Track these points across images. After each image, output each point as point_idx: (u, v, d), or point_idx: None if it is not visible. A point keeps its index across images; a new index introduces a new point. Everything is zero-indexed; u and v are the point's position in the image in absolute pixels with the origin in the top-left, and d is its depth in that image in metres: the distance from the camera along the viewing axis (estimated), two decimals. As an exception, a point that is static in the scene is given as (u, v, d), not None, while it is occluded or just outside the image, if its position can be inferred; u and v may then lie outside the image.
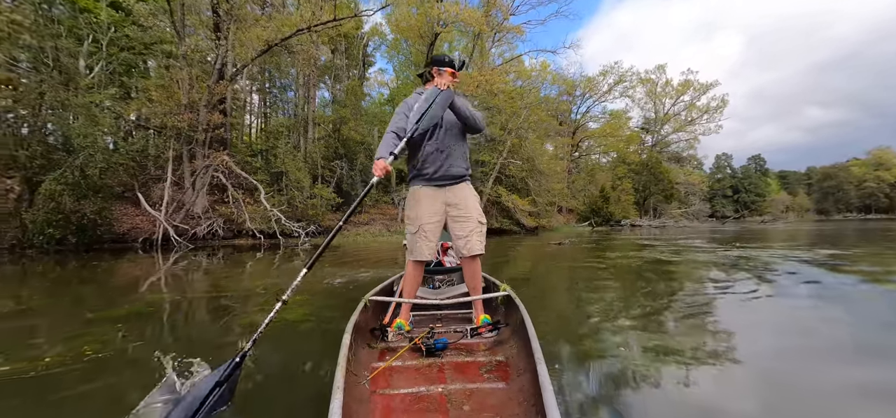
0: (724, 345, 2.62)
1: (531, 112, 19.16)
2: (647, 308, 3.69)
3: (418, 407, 1.47)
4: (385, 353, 1.99)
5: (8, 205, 9.14)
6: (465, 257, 2.34)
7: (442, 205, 2.32)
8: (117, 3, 14.04)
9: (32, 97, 9.49)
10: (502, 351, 1.96)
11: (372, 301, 2.40)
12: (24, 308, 3.98)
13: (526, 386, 1.51)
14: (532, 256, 8.86)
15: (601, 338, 2.74)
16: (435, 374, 1.76)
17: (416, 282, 2.38)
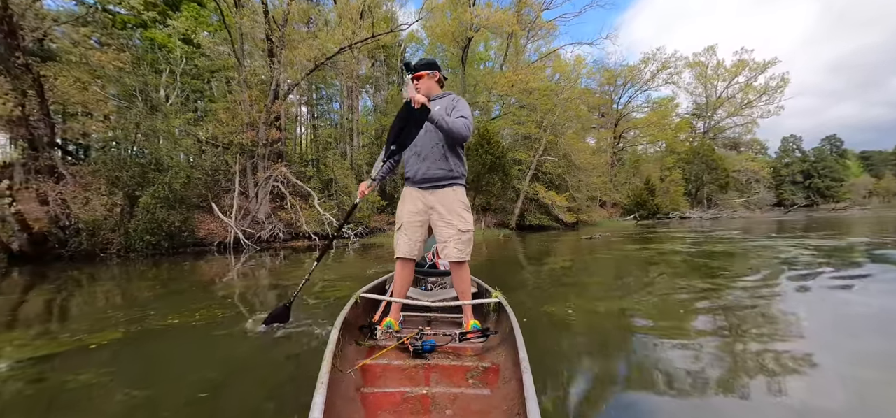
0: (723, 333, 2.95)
1: (566, 107, 19.23)
2: (639, 296, 4.14)
3: (402, 406, 1.48)
4: (372, 351, 2.00)
5: (115, 217, 10.99)
6: (449, 262, 2.38)
7: (424, 206, 2.36)
8: (188, 38, 16.05)
9: (130, 127, 11.32)
10: (490, 358, 1.97)
11: (363, 298, 2.44)
12: (151, 294, 5.17)
13: (510, 395, 1.51)
14: (561, 250, 9.27)
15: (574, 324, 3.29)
16: (420, 376, 1.76)
17: (406, 281, 2.40)
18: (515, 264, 7.52)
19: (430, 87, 2.42)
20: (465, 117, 2.26)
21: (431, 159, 2.31)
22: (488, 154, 16.71)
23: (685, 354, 2.51)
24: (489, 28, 20.25)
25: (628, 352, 2.62)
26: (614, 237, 12.52)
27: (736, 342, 2.68)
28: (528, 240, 12.85)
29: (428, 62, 2.42)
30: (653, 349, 2.61)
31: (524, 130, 19.25)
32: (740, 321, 3.16)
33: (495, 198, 19.44)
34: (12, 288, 6.27)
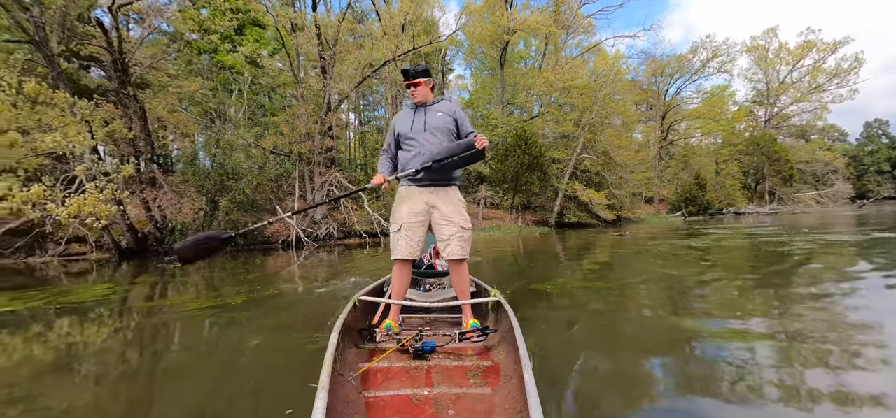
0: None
1: (605, 105, 19.24)
2: (643, 290, 4.69)
3: (404, 409, 1.48)
4: (373, 354, 2.01)
5: (200, 219, 12.92)
6: (448, 261, 2.40)
7: (425, 205, 2.37)
8: (253, 60, 18.09)
9: (212, 143, 13.22)
10: (490, 357, 1.99)
11: (361, 301, 2.42)
12: (244, 277, 6.47)
13: (512, 393, 1.52)
14: (585, 247, 9.72)
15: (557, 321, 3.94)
16: (422, 377, 1.76)
17: (404, 282, 2.39)
18: (537, 258, 8.15)
19: (426, 94, 2.46)
20: (472, 132, 2.39)
21: (432, 158, 2.31)
22: (526, 154, 17.23)
23: (693, 349, 2.60)
24: (526, 31, 20.66)
25: (632, 346, 2.66)
26: (648, 234, 12.65)
27: (751, 343, 2.58)
28: (564, 237, 13.29)
29: (423, 69, 2.45)
30: (656, 344, 2.68)
31: (562, 129, 19.50)
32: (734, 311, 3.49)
33: (535, 196, 19.88)
34: (133, 275, 7.93)
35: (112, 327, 3.73)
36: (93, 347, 3.10)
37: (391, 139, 2.51)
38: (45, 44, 9.58)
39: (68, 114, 9.83)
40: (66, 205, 8.55)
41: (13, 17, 8.98)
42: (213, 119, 14.66)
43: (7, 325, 3.80)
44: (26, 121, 9.41)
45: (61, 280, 7.51)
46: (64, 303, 4.96)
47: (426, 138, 2.36)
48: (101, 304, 4.77)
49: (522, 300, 3.99)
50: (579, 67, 21.24)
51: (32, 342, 3.26)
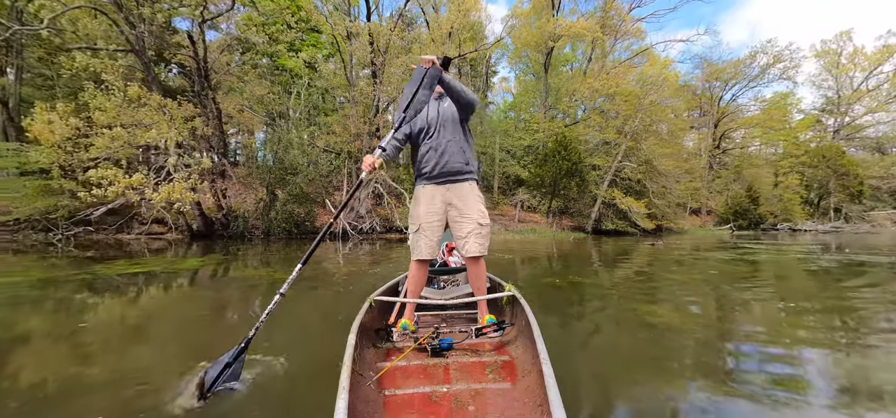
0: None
1: (649, 112, 18.95)
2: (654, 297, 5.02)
3: (424, 406, 1.49)
4: (390, 353, 2.02)
5: (260, 208, 14.38)
6: (466, 258, 2.36)
7: (442, 203, 2.34)
8: (311, 64, 19.58)
9: (274, 140, 14.66)
10: (508, 352, 2.00)
11: (377, 301, 2.41)
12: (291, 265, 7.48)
13: (532, 387, 1.53)
14: (618, 254, 9.95)
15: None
16: (440, 374, 1.76)
17: (420, 281, 2.38)
18: (568, 262, 8.54)
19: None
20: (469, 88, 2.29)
21: (449, 153, 2.30)
22: (565, 160, 17.43)
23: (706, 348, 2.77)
24: (571, 37, 20.74)
25: (647, 344, 2.77)
26: (690, 246, 12.55)
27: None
28: (599, 243, 13.46)
29: (448, 60, 2.40)
30: (670, 345, 2.79)
31: (604, 136, 19.44)
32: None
33: (573, 201, 19.98)
34: (203, 253, 9.22)
35: (209, 290, 4.74)
36: (192, 302, 4.07)
37: (406, 128, 2.39)
38: (143, 52, 11.23)
39: (159, 113, 11.46)
40: (159, 191, 10.04)
41: (122, 32, 10.64)
42: (273, 118, 16.22)
43: (134, 283, 4.92)
44: (128, 119, 11.11)
45: (145, 254, 8.93)
46: (170, 269, 6.14)
47: (440, 133, 2.32)
48: (195, 273, 5.88)
49: (541, 296, 4.52)
50: (625, 73, 20.99)
51: (159, 293, 4.29)
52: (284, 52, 15.40)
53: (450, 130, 2.32)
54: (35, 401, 1.95)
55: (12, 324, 3.26)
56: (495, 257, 8.68)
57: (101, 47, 10.95)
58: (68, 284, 5.00)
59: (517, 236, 16.47)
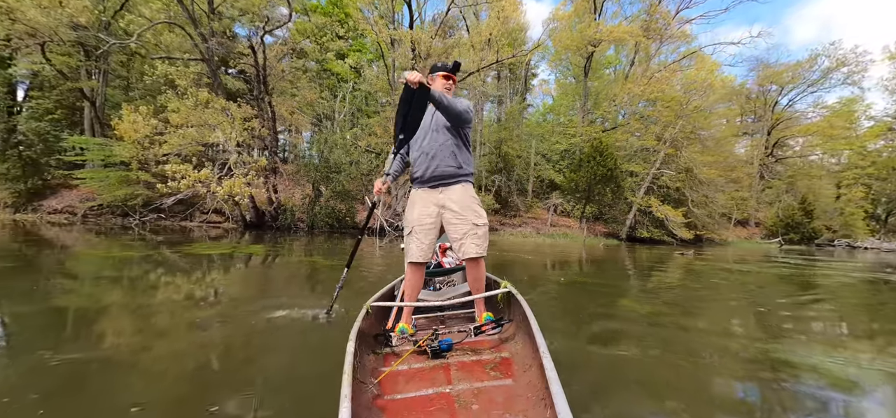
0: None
1: (692, 119, 18.45)
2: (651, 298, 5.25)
3: (426, 409, 1.50)
4: (390, 358, 2.02)
5: (306, 203, 15.55)
6: (464, 260, 2.35)
7: (435, 207, 2.33)
8: (356, 68, 20.71)
9: (321, 141, 15.80)
10: (507, 348, 2.02)
11: (374, 307, 2.41)
12: (334, 255, 8.28)
13: (533, 381, 1.55)
14: (648, 262, 10.03)
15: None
16: (441, 376, 1.78)
17: (416, 284, 2.38)
18: (593, 266, 8.80)
19: (449, 89, 2.41)
20: (463, 101, 2.32)
21: (440, 157, 2.31)
22: (600, 166, 17.41)
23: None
24: (612, 41, 20.53)
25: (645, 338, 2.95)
26: (732, 258, 12.29)
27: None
28: (632, 251, 13.44)
29: (456, 64, 2.41)
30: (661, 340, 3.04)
31: (642, 142, 19.14)
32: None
33: (608, 208, 19.84)
34: (255, 241, 10.27)
35: (276, 268, 5.57)
36: (265, 276, 4.87)
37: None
38: (212, 61, 12.58)
39: (223, 115, 12.78)
40: (222, 185, 11.28)
41: (195, 43, 12.00)
42: (320, 119, 17.41)
43: (212, 261, 5.85)
44: (197, 120, 12.50)
45: (206, 239, 10.09)
46: (239, 252, 7.11)
47: (433, 138, 2.33)
48: (258, 256, 6.80)
49: (548, 293, 4.94)
50: (669, 78, 20.45)
51: (241, 267, 5.15)
52: (332, 57, 16.50)
53: (441, 135, 2.31)
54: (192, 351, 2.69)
55: (154, 287, 4.16)
56: (520, 257, 9.09)
57: (177, 57, 12.40)
58: (166, 260, 6.02)
59: (548, 240, 16.69)
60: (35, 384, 2.00)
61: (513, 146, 21.04)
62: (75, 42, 15.63)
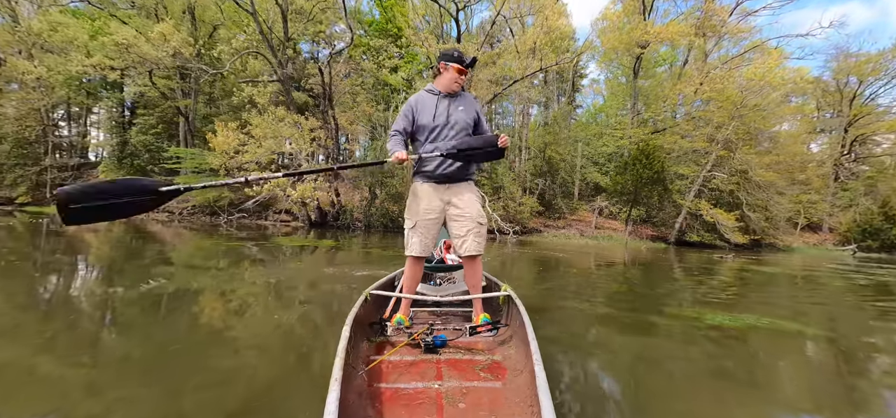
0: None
1: (748, 119, 17.75)
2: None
3: (414, 402, 1.51)
4: (384, 347, 2.05)
5: (363, 205, 17.17)
6: (463, 257, 2.40)
7: (441, 202, 2.36)
8: (408, 80, 22.21)
9: (376, 149, 17.39)
10: (501, 351, 2.03)
11: (372, 295, 2.44)
12: (389, 248, 9.51)
13: (522, 387, 1.57)
14: (691, 268, 10.26)
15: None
16: (432, 371, 1.79)
17: (415, 277, 2.43)
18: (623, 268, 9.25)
19: (461, 82, 2.39)
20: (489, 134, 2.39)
21: (473, 160, 2.33)
22: (646, 168, 17.38)
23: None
24: (661, 42, 20.22)
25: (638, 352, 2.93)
26: (778, 264, 12.03)
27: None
28: (680, 255, 13.47)
29: (473, 59, 2.41)
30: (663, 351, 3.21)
31: (691, 144, 18.72)
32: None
33: (656, 210, 19.63)
34: (320, 236, 11.80)
35: (349, 256, 6.86)
36: (318, 264, 6.14)
37: (406, 124, 2.38)
38: (286, 81, 14.50)
39: (295, 128, 14.66)
40: (296, 189, 13.06)
41: (273, 68, 13.96)
42: (375, 128, 19.03)
43: (303, 250, 7.26)
44: (272, 132, 14.46)
45: (278, 235, 11.78)
46: (313, 245, 8.56)
47: (447, 136, 2.33)
48: (326, 249, 8.18)
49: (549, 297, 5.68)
50: (726, 77, 19.67)
51: (321, 255, 6.48)
52: (387, 72, 18.06)
53: (459, 137, 2.33)
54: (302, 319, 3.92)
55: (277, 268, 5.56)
56: (552, 255, 9.77)
57: (259, 80, 14.47)
58: (264, 248, 7.56)
59: (590, 241, 17.01)
60: (194, 331, 3.24)
61: (557, 150, 21.44)
62: (175, 68, 18.50)
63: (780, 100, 24.15)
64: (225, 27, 19.78)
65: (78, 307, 3.47)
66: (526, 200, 19.46)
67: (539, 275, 6.77)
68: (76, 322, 3.04)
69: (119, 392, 1.93)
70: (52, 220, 12.97)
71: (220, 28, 20.93)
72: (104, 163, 21.23)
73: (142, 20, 20.01)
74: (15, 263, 5.43)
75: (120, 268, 5.61)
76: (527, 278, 6.40)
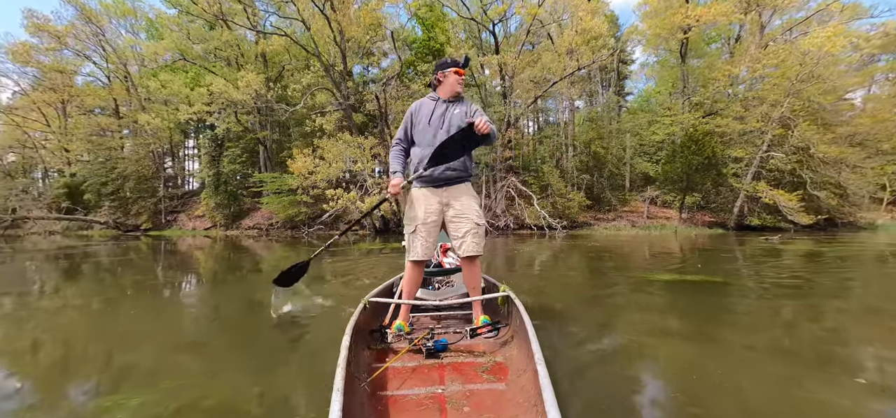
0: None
1: (802, 95, 16.84)
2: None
3: (418, 408, 1.51)
4: (385, 354, 2.05)
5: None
6: (462, 258, 2.40)
7: (439, 205, 2.37)
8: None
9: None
10: (502, 352, 2.03)
11: (371, 302, 2.44)
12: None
13: (526, 387, 1.55)
14: (732, 253, 10.54)
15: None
16: (434, 375, 1.79)
17: (415, 282, 2.43)
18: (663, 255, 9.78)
19: (460, 87, 2.43)
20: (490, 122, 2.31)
21: (450, 159, 2.33)
22: (696, 155, 17.27)
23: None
24: (704, 24, 19.73)
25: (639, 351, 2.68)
26: (839, 242, 11.71)
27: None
28: (740, 240, 13.40)
29: (466, 60, 2.45)
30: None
31: (742, 126, 18.12)
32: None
33: (713, 195, 19.27)
34: (384, 241, 13.53)
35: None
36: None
37: (406, 131, 2.46)
38: (348, 109, 16.66)
39: (358, 149, 16.76)
40: (365, 202, 15.07)
41: (338, 99, 16.17)
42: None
43: (378, 253, 8.95)
44: (341, 155, 16.66)
45: (350, 243, 13.68)
46: (387, 249, 10.27)
47: (443, 137, 2.33)
48: (382, 253, 9.80)
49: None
50: (787, 49, 18.64)
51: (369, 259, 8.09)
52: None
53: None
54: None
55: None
56: (592, 246, 10.57)
57: (326, 110, 16.82)
58: (348, 254, 9.37)
59: (641, 232, 17.26)
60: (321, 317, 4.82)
61: (601, 145, 21.74)
62: (256, 107, 21.63)
63: (861, 62, 22.36)
64: (293, 67, 22.81)
65: (193, 302, 5.24)
66: (574, 196, 20.08)
67: (562, 268, 7.80)
68: (195, 308, 4.76)
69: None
70: (168, 241, 16.00)
71: (287, 68, 24.09)
72: (205, 192, 25.12)
73: (223, 68, 23.63)
74: (149, 271, 7.60)
75: (237, 266, 7.57)
76: (541, 271, 7.00)
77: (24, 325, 3.51)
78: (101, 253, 11.06)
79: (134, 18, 29.11)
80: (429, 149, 2.32)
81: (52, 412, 1.88)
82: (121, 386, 2.12)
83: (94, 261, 9.13)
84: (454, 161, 2.32)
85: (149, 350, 2.76)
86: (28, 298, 4.70)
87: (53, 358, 2.64)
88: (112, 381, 2.21)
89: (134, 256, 10.11)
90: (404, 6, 20.11)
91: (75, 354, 2.73)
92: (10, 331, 3.35)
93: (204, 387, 2.09)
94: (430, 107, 2.42)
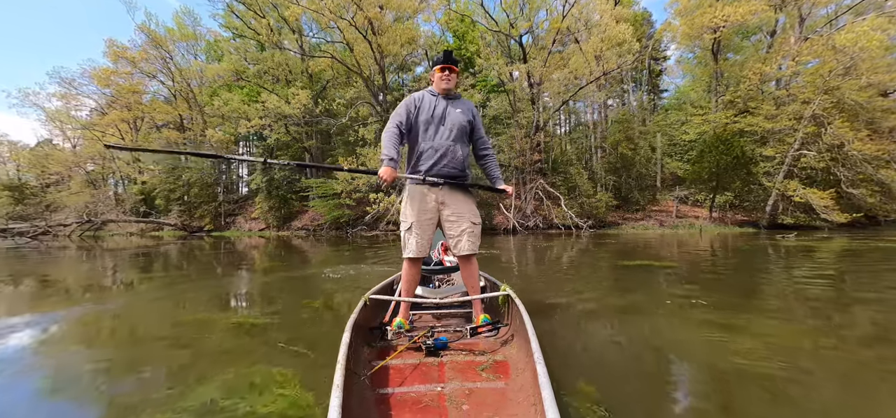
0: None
1: (835, 92, 16.58)
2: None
3: (417, 405, 1.51)
4: (385, 352, 2.05)
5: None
6: (459, 257, 2.43)
7: (435, 203, 2.38)
8: (485, 101, 24.94)
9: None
10: (502, 351, 2.04)
11: (372, 299, 2.43)
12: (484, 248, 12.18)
13: (525, 385, 1.57)
14: (765, 252, 11.04)
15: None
16: (434, 373, 1.80)
17: (413, 280, 2.45)
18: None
19: (454, 83, 2.48)
20: (489, 145, 2.54)
21: (449, 156, 2.37)
22: (724, 155, 17.49)
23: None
24: (734, 23, 19.66)
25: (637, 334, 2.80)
26: (877, 238, 11.84)
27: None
28: (773, 239, 13.59)
29: (447, 55, 2.46)
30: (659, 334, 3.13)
31: (771, 124, 18.02)
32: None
33: (744, 194, 19.30)
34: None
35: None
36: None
37: (407, 116, 2.39)
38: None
39: (397, 156, 18.36)
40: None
41: (377, 110, 17.79)
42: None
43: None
44: (378, 161, 18.34)
45: (389, 241, 15.15)
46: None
47: (443, 135, 2.37)
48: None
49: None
50: (826, 41, 18.29)
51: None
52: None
53: (455, 136, 2.38)
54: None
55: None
56: (612, 244, 11.41)
57: (368, 121, 18.54)
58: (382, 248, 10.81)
59: (667, 231, 17.68)
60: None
61: (629, 146, 22.17)
62: (302, 118, 23.81)
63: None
64: (336, 83, 24.90)
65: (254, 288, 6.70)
66: (601, 196, 20.72)
67: (562, 264, 8.81)
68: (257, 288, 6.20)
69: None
70: (227, 241, 18.11)
71: (330, 84, 26.28)
72: (259, 197, 27.71)
73: (274, 85, 26.09)
74: (222, 264, 9.27)
75: (300, 261, 9.12)
76: (544, 267, 8.37)
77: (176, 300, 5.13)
78: (172, 251, 13.16)
79: (195, 41, 32.43)
80: (427, 143, 2.38)
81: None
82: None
83: (169, 257, 11.13)
84: (453, 161, 2.38)
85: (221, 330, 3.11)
86: (168, 282, 6.43)
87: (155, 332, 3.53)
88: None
89: (198, 254, 12.09)
90: (436, 21, 21.55)
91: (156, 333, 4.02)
92: (167, 307, 4.97)
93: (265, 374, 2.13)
94: (430, 101, 2.44)
